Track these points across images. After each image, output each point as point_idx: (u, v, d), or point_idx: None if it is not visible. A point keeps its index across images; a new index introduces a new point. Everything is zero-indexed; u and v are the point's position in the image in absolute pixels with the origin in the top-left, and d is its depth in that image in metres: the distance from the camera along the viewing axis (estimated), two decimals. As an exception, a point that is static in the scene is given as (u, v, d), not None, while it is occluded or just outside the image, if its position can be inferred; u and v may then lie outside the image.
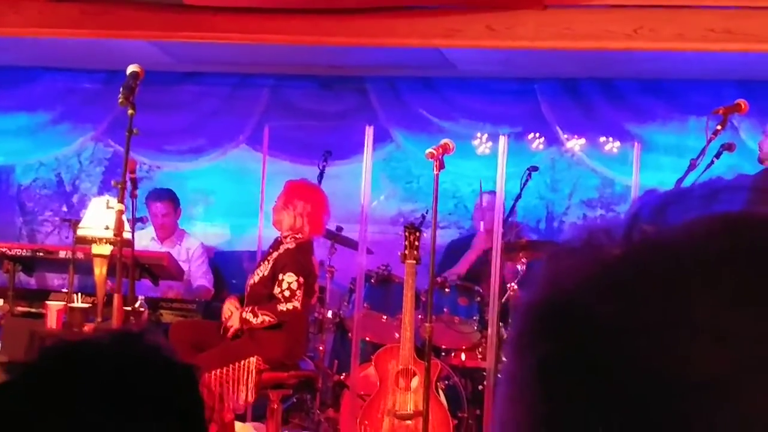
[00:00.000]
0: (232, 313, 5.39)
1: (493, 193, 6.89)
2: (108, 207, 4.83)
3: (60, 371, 1.12)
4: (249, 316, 5.30)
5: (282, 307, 5.27)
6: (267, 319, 5.28)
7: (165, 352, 1.19)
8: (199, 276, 6.83)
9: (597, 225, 0.59)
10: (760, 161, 5.34)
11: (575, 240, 0.58)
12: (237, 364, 5.24)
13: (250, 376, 5.24)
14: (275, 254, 5.42)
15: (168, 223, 6.98)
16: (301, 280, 5.28)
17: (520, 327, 0.58)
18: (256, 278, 5.44)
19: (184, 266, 6.54)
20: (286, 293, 5.27)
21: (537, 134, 7.53)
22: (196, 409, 1.18)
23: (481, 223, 6.87)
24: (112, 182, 4.65)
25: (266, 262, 5.43)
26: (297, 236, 5.42)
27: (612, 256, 0.56)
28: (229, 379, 5.22)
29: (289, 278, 5.29)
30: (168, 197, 7.05)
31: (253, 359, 5.24)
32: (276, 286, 5.31)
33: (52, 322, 5.36)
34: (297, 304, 5.26)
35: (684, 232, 0.55)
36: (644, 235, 0.56)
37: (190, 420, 1.16)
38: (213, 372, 5.20)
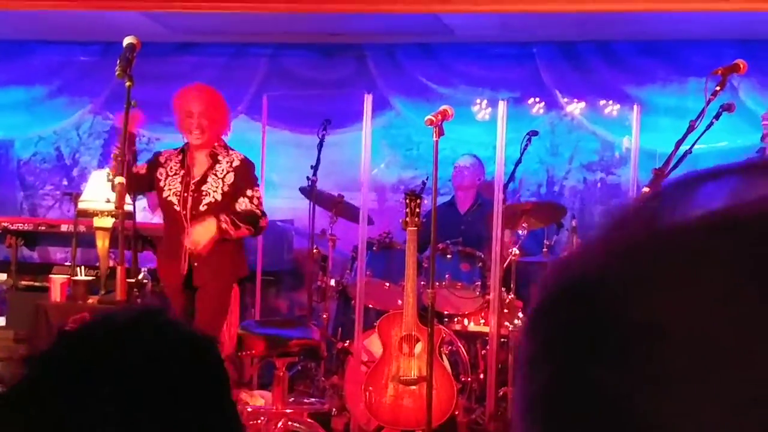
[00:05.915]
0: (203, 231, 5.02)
1: (468, 156, 6.97)
2: (108, 180, 4.83)
3: (81, 361, 1.10)
4: (227, 227, 5.01)
5: (262, 222, 5.16)
6: (246, 231, 5.13)
7: (185, 328, 1.17)
8: None
9: (627, 207, 0.56)
10: (763, 139, 5.41)
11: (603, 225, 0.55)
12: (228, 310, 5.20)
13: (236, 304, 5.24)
14: (223, 170, 5.20)
15: None
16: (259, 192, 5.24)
17: (534, 310, 0.56)
18: (211, 198, 5.14)
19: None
20: (262, 207, 5.19)
21: (536, 99, 7.51)
22: (222, 380, 1.17)
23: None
24: (113, 154, 4.64)
25: (216, 179, 5.19)
26: (228, 148, 5.28)
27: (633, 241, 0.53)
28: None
29: (257, 193, 5.18)
30: None
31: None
32: (249, 202, 5.12)
33: (56, 295, 5.38)
34: (265, 216, 5.21)
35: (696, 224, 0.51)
36: (668, 223, 0.52)
37: (218, 392, 1.15)
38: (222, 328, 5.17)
